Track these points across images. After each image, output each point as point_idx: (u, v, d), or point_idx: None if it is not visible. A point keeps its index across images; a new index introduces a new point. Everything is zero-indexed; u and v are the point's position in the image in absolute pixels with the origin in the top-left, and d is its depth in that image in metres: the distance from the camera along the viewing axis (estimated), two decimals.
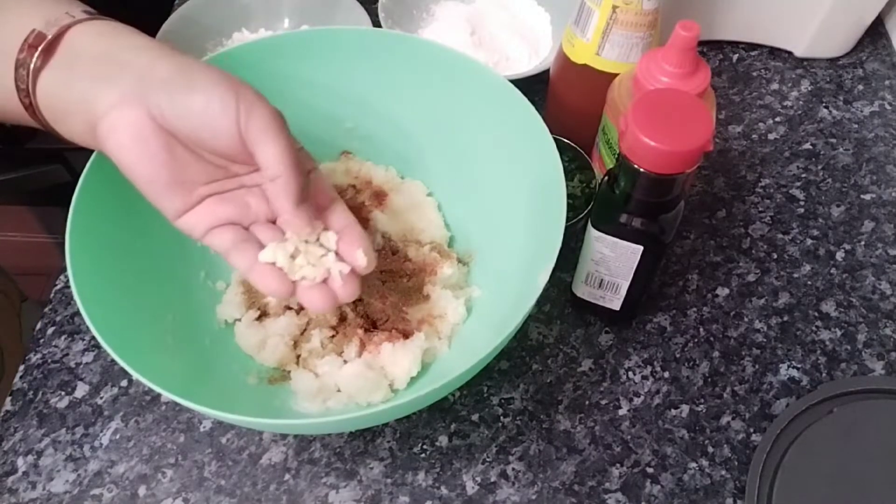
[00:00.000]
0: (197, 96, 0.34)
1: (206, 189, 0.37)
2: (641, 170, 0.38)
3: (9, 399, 0.49)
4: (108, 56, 0.35)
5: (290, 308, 0.48)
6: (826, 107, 0.64)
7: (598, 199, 0.44)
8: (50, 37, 0.34)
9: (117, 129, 0.34)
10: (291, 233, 0.37)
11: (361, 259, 0.38)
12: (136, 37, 0.36)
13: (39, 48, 0.34)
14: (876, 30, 0.69)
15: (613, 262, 0.45)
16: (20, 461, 0.46)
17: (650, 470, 0.46)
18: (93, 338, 0.48)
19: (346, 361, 0.46)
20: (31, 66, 0.34)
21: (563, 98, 0.56)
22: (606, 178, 0.42)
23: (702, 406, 0.48)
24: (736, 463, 0.46)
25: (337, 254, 0.38)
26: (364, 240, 0.39)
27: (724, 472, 0.46)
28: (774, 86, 0.66)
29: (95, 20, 0.36)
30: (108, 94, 0.34)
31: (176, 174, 0.35)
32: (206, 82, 0.34)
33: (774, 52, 0.68)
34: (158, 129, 0.34)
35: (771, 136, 0.63)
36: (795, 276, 0.54)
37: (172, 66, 0.34)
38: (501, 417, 0.48)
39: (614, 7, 0.47)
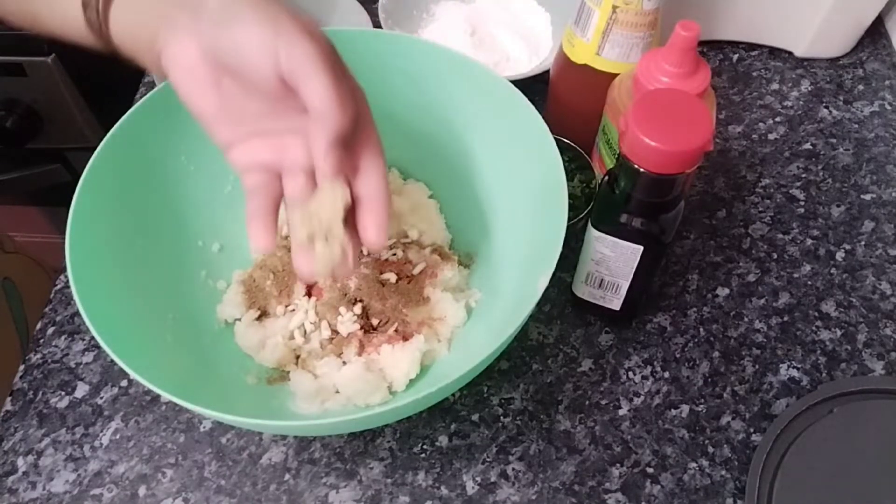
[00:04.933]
0: (238, 31, 0.33)
1: (254, 126, 0.36)
2: (641, 170, 0.38)
3: (9, 399, 0.49)
4: None
5: (291, 309, 0.49)
6: (826, 107, 0.64)
7: (598, 199, 0.44)
8: None
9: (173, 63, 0.35)
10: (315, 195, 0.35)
11: (371, 235, 0.36)
12: None
13: None
14: (876, 30, 0.69)
15: (613, 262, 0.45)
16: (20, 461, 0.46)
17: (650, 470, 0.46)
18: (93, 338, 0.48)
19: (345, 363, 0.46)
20: (100, 8, 0.35)
21: (563, 98, 0.56)
22: (606, 178, 0.42)
23: (702, 406, 0.48)
24: (736, 463, 0.46)
25: (347, 221, 0.36)
26: (385, 215, 0.36)
27: (724, 472, 0.46)
28: (774, 86, 0.66)
29: None
30: (165, 31, 0.35)
31: (224, 108, 0.36)
32: (249, 17, 0.33)
33: (774, 52, 0.68)
34: (208, 63, 0.35)
35: (771, 136, 0.62)
36: (795, 276, 0.54)
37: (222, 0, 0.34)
38: (501, 417, 0.48)
39: (614, 7, 0.47)
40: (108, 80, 0.80)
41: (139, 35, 0.36)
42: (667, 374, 0.50)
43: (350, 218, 0.36)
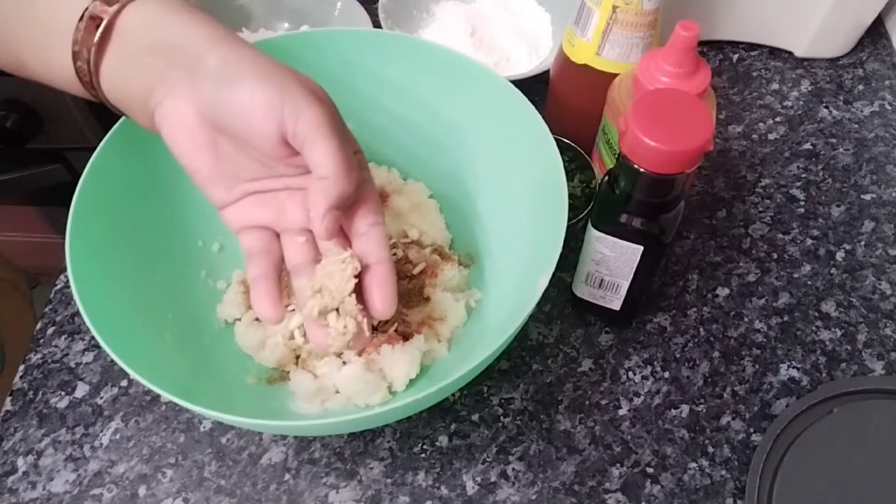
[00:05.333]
0: (240, 92, 0.32)
1: (249, 185, 0.36)
2: (641, 170, 0.38)
3: (9, 399, 0.49)
4: (160, 47, 0.33)
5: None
6: (826, 107, 0.64)
7: (598, 199, 0.44)
8: (103, 26, 0.33)
9: (167, 122, 0.34)
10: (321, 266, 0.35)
11: (377, 306, 0.35)
12: (188, 20, 0.34)
13: (95, 39, 0.33)
14: (876, 30, 0.69)
15: (613, 262, 0.45)
16: (20, 461, 0.46)
17: (650, 470, 0.46)
18: (93, 338, 0.48)
19: (345, 363, 0.46)
20: (91, 59, 0.33)
21: (563, 98, 0.56)
22: (606, 178, 0.42)
23: (702, 406, 0.48)
24: (736, 463, 0.46)
25: (356, 289, 0.35)
26: (391, 283, 0.36)
27: (724, 472, 0.46)
28: (774, 86, 0.66)
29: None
30: (160, 88, 0.34)
31: (219, 168, 0.35)
32: (251, 77, 0.32)
33: (774, 52, 0.68)
34: (204, 123, 0.34)
35: (771, 136, 0.62)
36: (795, 276, 0.54)
37: (221, 57, 0.33)
38: (501, 417, 0.48)
39: (614, 7, 0.47)
40: None
41: (131, 90, 0.34)
42: (667, 374, 0.50)
43: (357, 285, 0.35)
